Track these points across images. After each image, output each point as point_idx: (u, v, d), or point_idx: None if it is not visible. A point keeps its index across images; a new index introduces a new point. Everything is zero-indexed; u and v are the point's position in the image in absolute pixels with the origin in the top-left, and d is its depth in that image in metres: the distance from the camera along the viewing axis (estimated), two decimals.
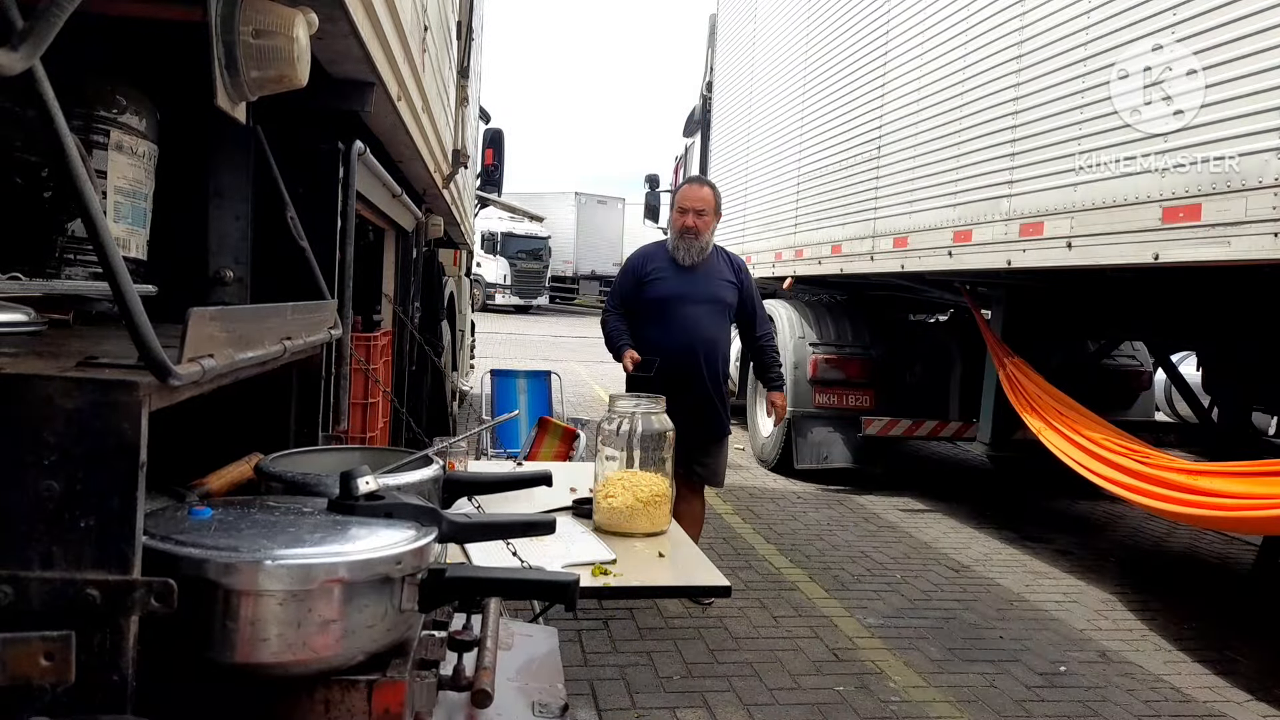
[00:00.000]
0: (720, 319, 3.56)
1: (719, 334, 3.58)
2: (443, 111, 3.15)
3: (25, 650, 0.68)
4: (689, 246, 3.50)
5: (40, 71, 0.64)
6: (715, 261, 3.58)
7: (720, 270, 3.57)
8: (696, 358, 3.46)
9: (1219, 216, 3.02)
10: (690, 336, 3.46)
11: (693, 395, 3.42)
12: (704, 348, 3.49)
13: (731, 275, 3.59)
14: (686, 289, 3.50)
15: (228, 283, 1.43)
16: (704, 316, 3.50)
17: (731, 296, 3.56)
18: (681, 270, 3.52)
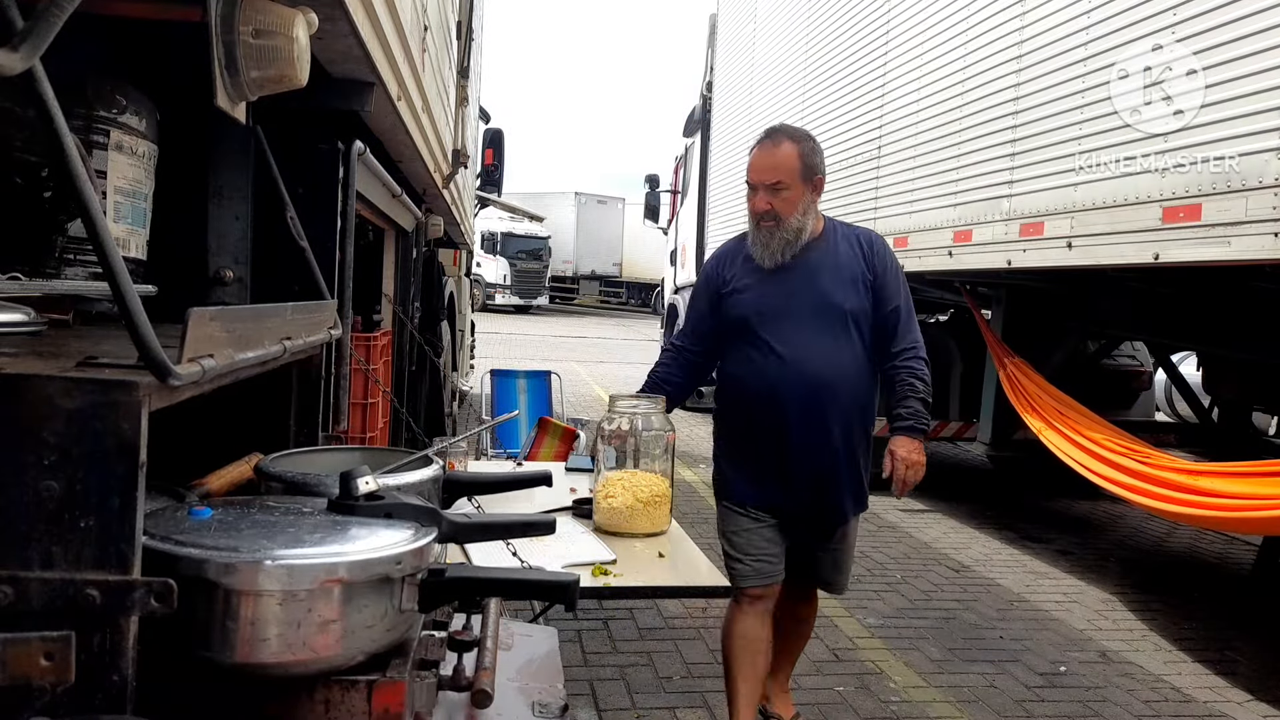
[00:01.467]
0: (840, 336, 2.25)
1: (840, 360, 2.25)
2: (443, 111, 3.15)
3: (25, 650, 0.68)
4: (768, 240, 2.26)
5: (40, 71, 0.64)
6: (826, 251, 2.30)
7: (835, 261, 2.29)
8: (794, 407, 2.21)
9: (1219, 216, 3.02)
10: (784, 373, 2.21)
11: (800, 465, 2.25)
12: (810, 388, 2.21)
13: (858, 265, 2.29)
14: (775, 300, 2.26)
15: (227, 283, 1.43)
16: (810, 338, 2.23)
17: (857, 299, 2.26)
18: (768, 275, 2.28)
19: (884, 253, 2.34)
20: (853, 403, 2.28)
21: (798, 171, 2.25)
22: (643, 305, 26.97)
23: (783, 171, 2.24)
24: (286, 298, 1.43)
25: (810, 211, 2.29)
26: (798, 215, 2.25)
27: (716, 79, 9.16)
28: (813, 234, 2.30)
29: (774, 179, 2.24)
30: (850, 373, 2.27)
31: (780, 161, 2.25)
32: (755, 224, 2.29)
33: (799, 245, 2.27)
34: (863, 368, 2.30)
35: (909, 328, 2.32)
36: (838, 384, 2.25)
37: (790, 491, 2.30)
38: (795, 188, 2.25)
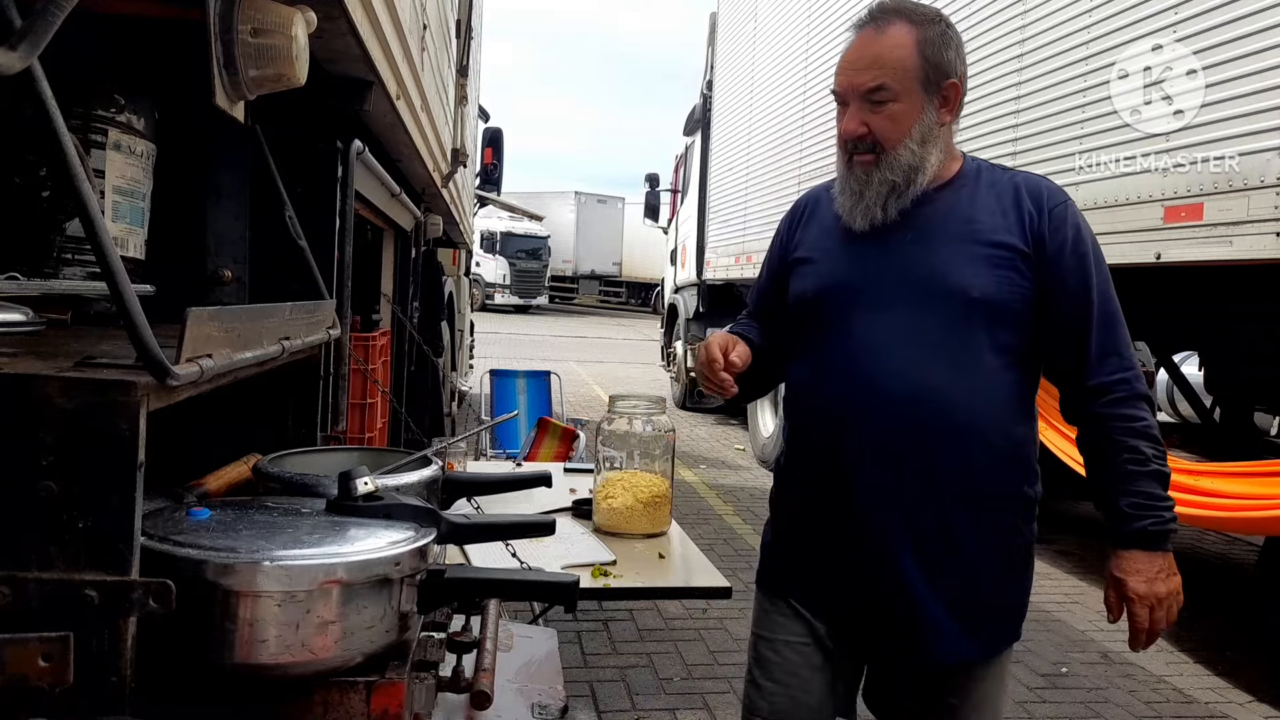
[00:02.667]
0: (960, 339, 1.39)
1: (954, 377, 1.39)
2: (442, 110, 3.14)
3: (23, 651, 0.68)
4: (861, 184, 1.44)
5: (38, 70, 0.64)
6: (958, 204, 1.45)
7: (968, 220, 1.43)
8: (865, 446, 1.40)
9: (1221, 216, 3.02)
10: (854, 391, 1.42)
11: (868, 546, 1.42)
12: (892, 418, 1.39)
13: (1010, 229, 1.41)
14: (858, 275, 1.46)
15: (226, 282, 1.43)
16: (904, 339, 1.40)
17: (997, 282, 1.39)
18: (858, 240, 1.46)
19: (1062, 216, 1.39)
20: (980, 449, 1.37)
21: (914, 71, 1.37)
22: (643, 305, 26.97)
23: (888, 69, 1.37)
24: (285, 297, 1.43)
25: (935, 141, 1.40)
26: (911, 144, 1.39)
27: (717, 78, 9.16)
28: (938, 177, 1.43)
29: (872, 80, 1.38)
30: (975, 400, 1.36)
31: (884, 53, 1.38)
32: (845, 159, 1.46)
33: (913, 193, 1.40)
34: (1004, 394, 1.38)
35: (1111, 343, 1.37)
36: (947, 415, 1.35)
37: (853, 588, 1.44)
38: (909, 97, 1.38)
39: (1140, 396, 1.38)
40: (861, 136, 1.42)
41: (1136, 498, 1.35)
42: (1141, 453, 1.35)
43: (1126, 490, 1.36)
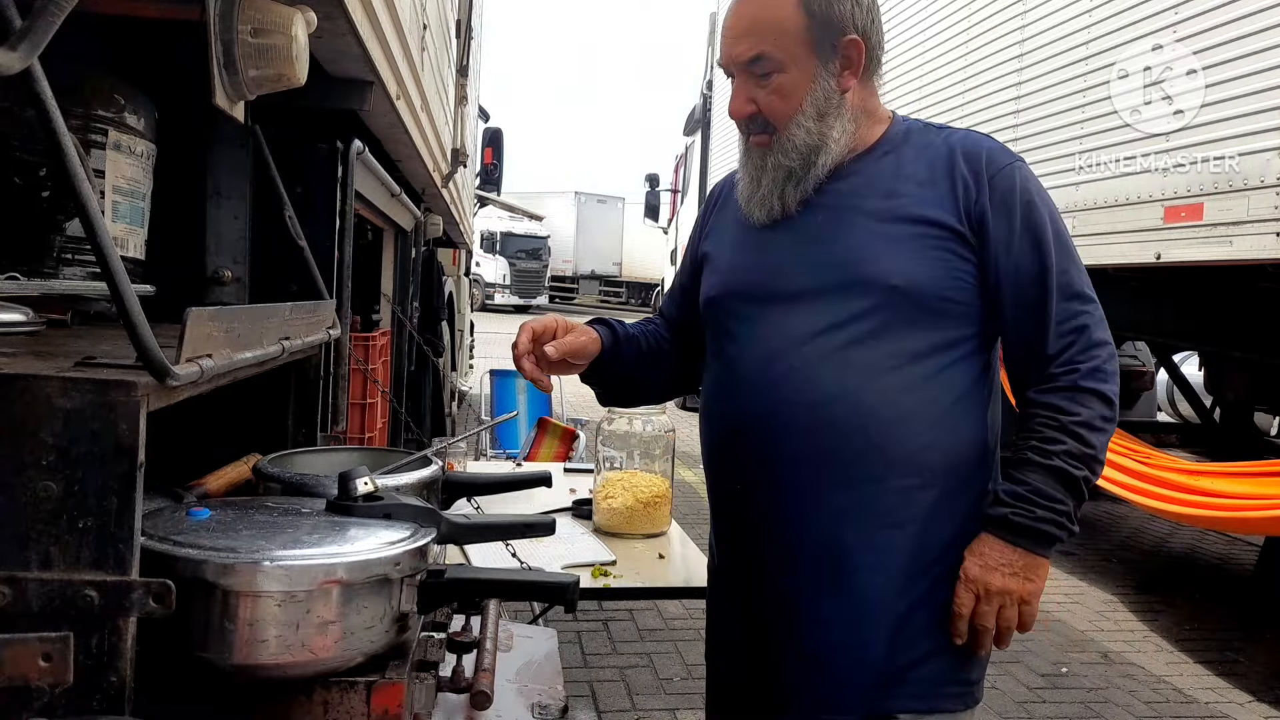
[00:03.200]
0: (885, 334, 1.16)
1: (865, 383, 1.15)
2: (442, 110, 3.14)
3: (23, 651, 0.68)
4: (756, 172, 1.24)
5: (38, 70, 0.64)
6: (877, 175, 1.22)
7: (889, 194, 1.20)
8: (761, 467, 1.20)
9: (1221, 216, 3.02)
10: (748, 402, 1.22)
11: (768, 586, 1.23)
12: (791, 434, 1.17)
13: (943, 199, 1.18)
14: (760, 269, 1.24)
15: (226, 282, 1.43)
16: (805, 339, 1.18)
17: (923, 265, 1.16)
18: (761, 229, 1.25)
19: (1009, 185, 1.16)
20: (905, 467, 1.15)
21: (797, 33, 1.15)
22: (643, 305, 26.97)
23: (766, 34, 1.16)
24: (285, 298, 1.43)
25: (838, 112, 1.18)
26: (805, 120, 1.17)
27: (717, 77, 9.16)
28: (857, 146, 1.22)
29: (749, 49, 1.17)
30: (898, 410, 1.15)
31: (761, 16, 1.17)
32: (744, 139, 1.26)
33: (814, 178, 1.19)
34: (940, 400, 1.16)
35: (1068, 328, 1.15)
36: (859, 429, 1.14)
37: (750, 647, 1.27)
38: (797, 65, 1.16)
39: (1084, 390, 1.13)
40: (751, 116, 1.21)
41: (1018, 486, 1.15)
42: (1050, 443, 1.13)
43: (1013, 477, 1.16)
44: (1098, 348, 1.16)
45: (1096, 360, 1.15)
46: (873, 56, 1.23)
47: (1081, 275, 1.19)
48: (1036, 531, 1.13)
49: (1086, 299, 1.17)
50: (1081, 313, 1.16)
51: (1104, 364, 1.16)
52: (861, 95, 1.23)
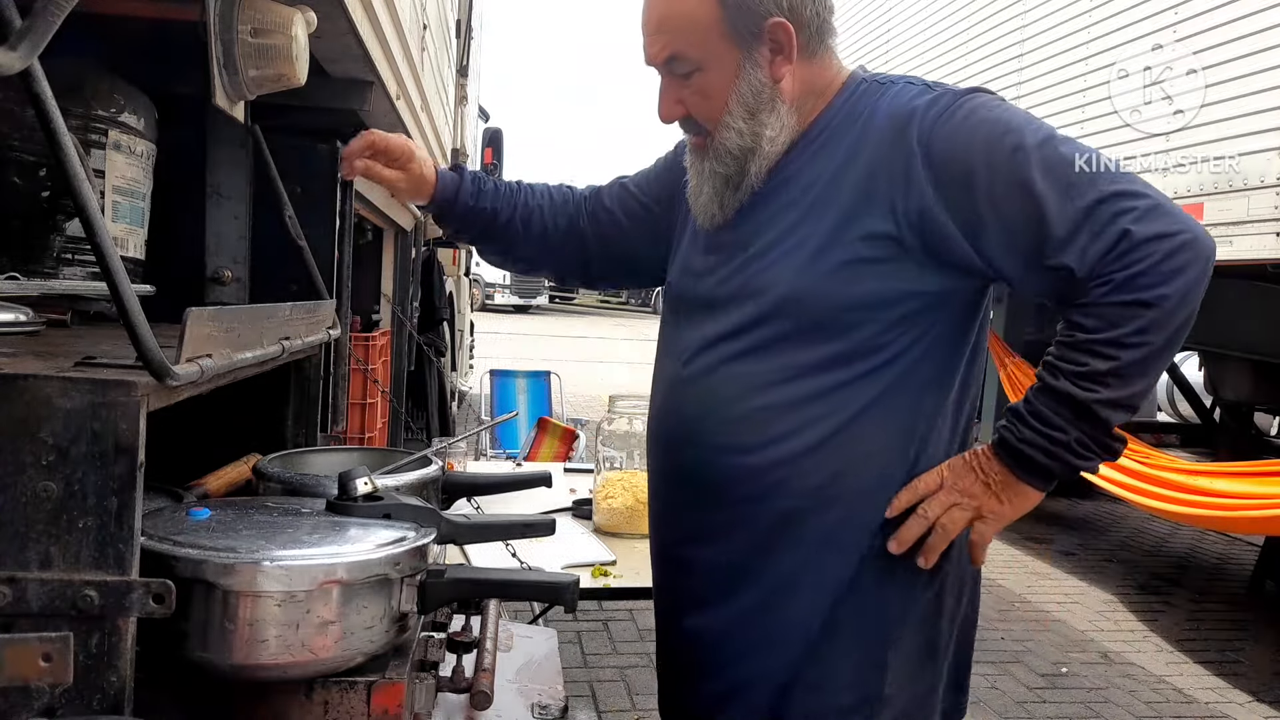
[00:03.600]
0: (758, 352, 1.06)
1: (751, 401, 1.06)
2: (442, 110, 3.14)
3: (23, 651, 0.68)
4: (697, 175, 1.13)
5: (38, 70, 0.64)
6: (806, 168, 1.07)
7: (816, 200, 1.05)
8: (662, 489, 1.19)
9: (1221, 216, 3.02)
10: (659, 423, 1.19)
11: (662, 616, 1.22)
12: (676, 460, 1.14)
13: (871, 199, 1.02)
14: (696, 277, 1.16)
15: (226, 282, 1.43)
16: (694, 356, 1.12)
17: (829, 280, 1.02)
18: (700, 235, 1.17)
19: (948, 135, 0.99)
20: (792, 493, 1.05)
21: (710, 25, 1.03)
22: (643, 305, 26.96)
23: (676, 31, 1.05)
24: (285, 297, 1.43)
25: (772, 107, 1.06)
26: (735, 121, 1.06)
27: None
28: (790, 139, 1.09)
29: (663, 49, 1.07)
30: (776, 429, 1.05)
31: (668, 10, 1.06)
32: (688, 149, 1.16)
33: (750, 184, 1.09)
34: (819, 418, 1.04)
35: (1096, 241, 0.94)
36: (735, 448, 1.06)
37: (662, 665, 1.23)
38: (717, 61, 1.05)
39: (1114, 304, 0.93)
40: (682, 118, 1.11)
41: (1022, 404, 1.00)
42: (1062, 361, 0.97)
43: (1026, 395, 1.01)
44: (1145, 245, 0.92)
45: (1140, 264, 0.92)
46: (809, 33, 1.06)
47: (1099, 175, 0.96)
48: (1018, 452, 0.99)
49: (1117, 197, 0.94)
50: (1116, 215, 0.93)
51: (1153, 264, 0.92)
52: (804, 76, 1.08)
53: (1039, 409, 0.98)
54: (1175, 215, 0.95)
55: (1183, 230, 0.94)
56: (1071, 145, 0.98)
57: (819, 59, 1.09)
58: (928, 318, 1.04)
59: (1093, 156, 0.98)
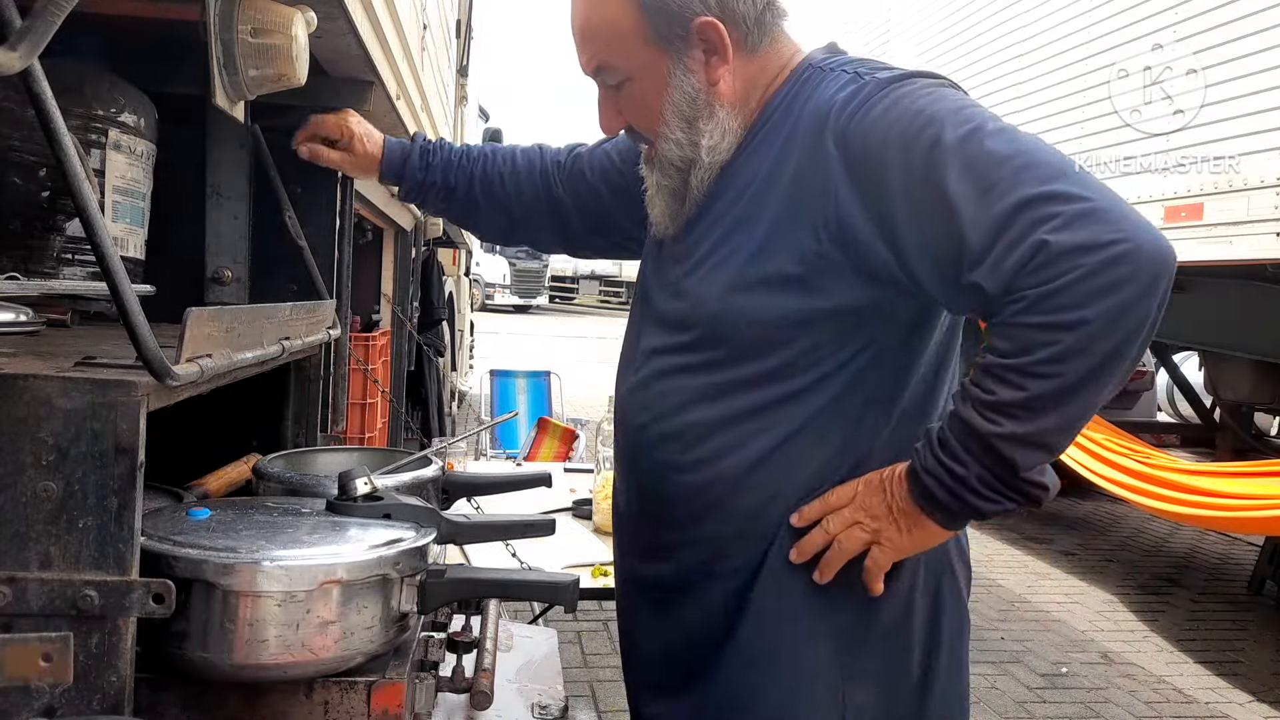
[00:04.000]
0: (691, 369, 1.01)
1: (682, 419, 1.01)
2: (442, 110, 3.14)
3: (23, 651, 0.68)
4: (651, 186, 1.07)
5: (38, 70, 0.64)
6: (739, 175, 1.00)
7: (743, 217, 0.99)
8: (621, 501, 1.15)
9: (1221, 216, 3.02)
10: (627, 432, 1.10)
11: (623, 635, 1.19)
12: (632, 469, 1.10)
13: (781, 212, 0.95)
14: (645, 285, 1.13)
15: (226, 282, 1.43)
16: (637, 370, 1.08)
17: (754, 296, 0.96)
18: (658, 246, 1.11)
19: (861, 131, 0.90)
20: (724, 517, 1.01)
21: (633, 32, 0.98)
22: None
23: (600, 41, 1.01)
24: (285, 297, 1.43)
25: (710, 112, 1.00)
26: (672, 131, 1.01)
27: None
28: (735, 142, 1.02)
29: (590, 61, 1.03)
30: (706, 449, 1.00)
31: (590, 21, 1.02)
32: (642, 157, 1.11)
33: (695, 196, 1.03)
34: (749, 437, 0.99)
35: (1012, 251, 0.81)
36: (673, 466, 1.03)
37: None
38: (646, 69, 1.00)
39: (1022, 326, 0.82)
40: (625, 129, 1.07)
41: (931, 435, 0.91)
42: (971, 386, 0.87)
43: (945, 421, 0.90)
44: (1065, 258, 0.79)
45: (1057, 281, 0.79)
46: (747, 27, 0.98)
47: (1028, 172, 0.82)
48: (920, 481, 0.90)
49: (1043, 200, 0.81)
50: (1036, 221, 0.80)
51: (1073, 281, 0.79)
52: (747, 73, 1.00)
53: (946, 436, 0.88)
54: (1112, 221, 0.79)
55: (1118, 239, 0.79)
56: (1004, 137, 0.85)
57: (764, 52, 1.01)
58: (865, 333, 0.96)
59: (1030, 149, 0.84)
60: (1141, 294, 0.79)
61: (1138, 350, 0.82)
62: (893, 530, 0.93)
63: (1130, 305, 0.79)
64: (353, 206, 1.65)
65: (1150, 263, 0.79)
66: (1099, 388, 0.82)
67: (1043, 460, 0.86)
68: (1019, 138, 0.86)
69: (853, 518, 0.95)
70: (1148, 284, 0.79)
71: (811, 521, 0.97)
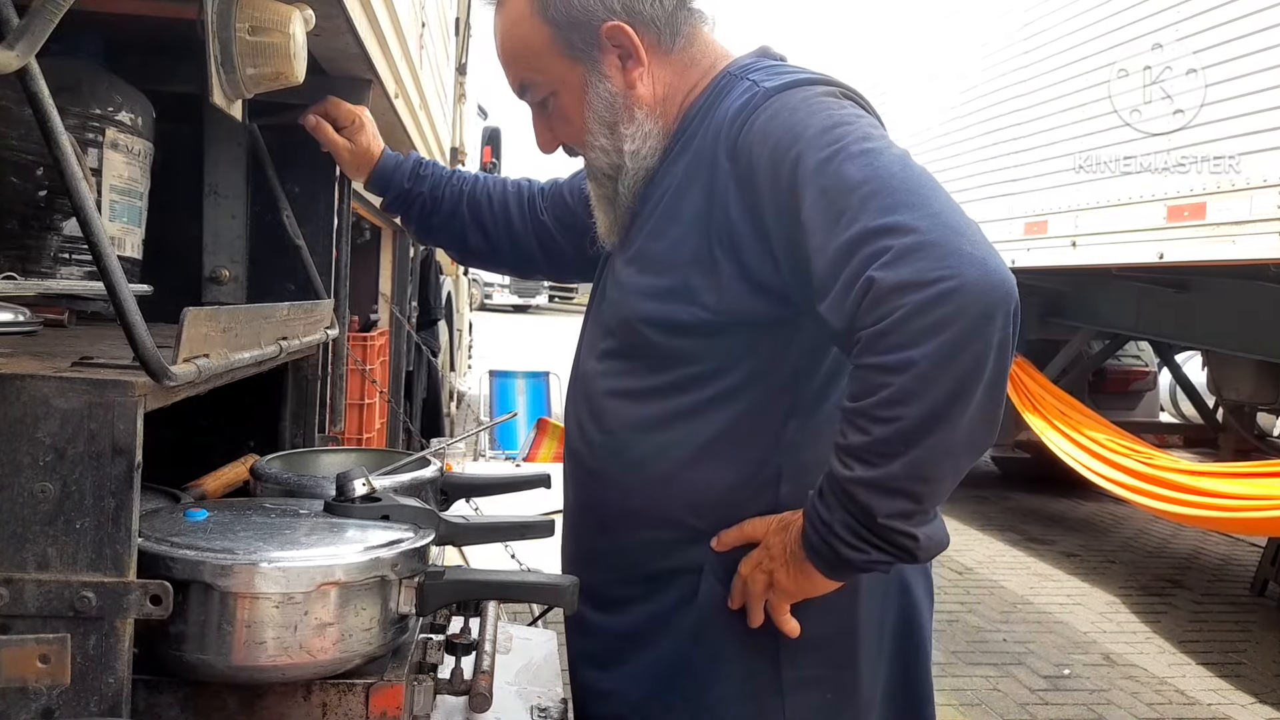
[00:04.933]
0: (616, 374, 1.05)
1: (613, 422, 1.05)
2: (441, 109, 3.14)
3: (21, 653, 0.68)
4: (593, 199, 1.11)
5: (35, 69, 0.64)
6: (662, 181, 1.02)
7: (665, 200, 1.00)
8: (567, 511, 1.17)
9: (1224, 216, 3.02)
10: (570, 434, 1.15)
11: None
12: (576, 481, 1.13)
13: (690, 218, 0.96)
14: (595, 293, 1.18)
15: (223, 282, 1.42)
16: (579, 366, 1.15)
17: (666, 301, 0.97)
18: (607, 257, 1.16)
19: (748, 141, 0.91)
20: (655, 522, 1.02)
21: (545, 48, 1.00)
22: None
23: (518, 60, 1.04)
24: (283, 297, 1.42)
25: (630, 117, 1.01)
26: (597, 140, 1.02)
27: None
28: (659, 146, 1.03)
29: (514, 80, 1.07)
30: (634, 453, 1.02)
31: (507, 40, 1.04)
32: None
33: (624, 203, 1.05)
34: (673, 443, 1.00)
35: (854, 283, 0.80)
36: (603, 469, 1.05)
37: None
38: (563, 84, 1.03)
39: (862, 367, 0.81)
40: (561, 147, 1.10)
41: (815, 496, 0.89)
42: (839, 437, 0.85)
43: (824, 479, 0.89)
44: (891, 297, 0.76)
45: (886, 320, 0.77)
46: (658, 28, 0.99)
47: (875, 200, 0.79)
48: (802, 530, 0.90)
49: (880, 233, 0.78)
50: (870, 257, 0.78)
51: (899, 321, 0.76)
52: (665, 76, 1.01)
53: (822, 486, 0.87)
54: (938, 256, 0.76)
55: (942, 276, 0.75)
56: (862, 160, 0.81)
57: (679, 55, 1.02)
58: (779, 340, 0.95)
59: (883, 174, 0.80)
60: (971, 332, 0.76)
61: (988, 391, 0.78)
62: (783, 574, 0.92)
63: (960, 344, 0.76)
64: (351, 206, 1.65)
65: (977, 300, 0.76)
66: (948, 431, 0.78)
67: (906, 508, 0.82)
68: (877, 160, 0.82)
69: (758, 559, 0.95)
70: (976, 321, 0.76)
71: (728, 549, 0.98)
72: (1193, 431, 5.97)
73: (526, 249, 1.35)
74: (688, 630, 1.01)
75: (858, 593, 0.99)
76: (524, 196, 1.35)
